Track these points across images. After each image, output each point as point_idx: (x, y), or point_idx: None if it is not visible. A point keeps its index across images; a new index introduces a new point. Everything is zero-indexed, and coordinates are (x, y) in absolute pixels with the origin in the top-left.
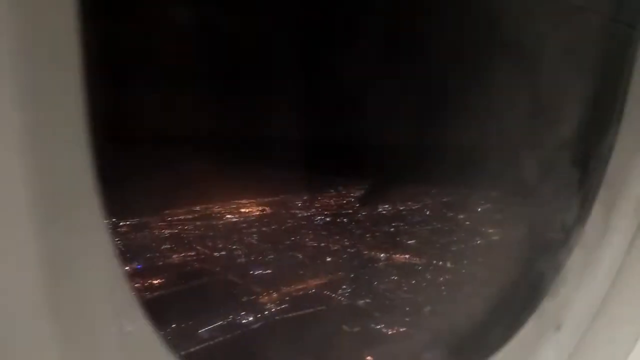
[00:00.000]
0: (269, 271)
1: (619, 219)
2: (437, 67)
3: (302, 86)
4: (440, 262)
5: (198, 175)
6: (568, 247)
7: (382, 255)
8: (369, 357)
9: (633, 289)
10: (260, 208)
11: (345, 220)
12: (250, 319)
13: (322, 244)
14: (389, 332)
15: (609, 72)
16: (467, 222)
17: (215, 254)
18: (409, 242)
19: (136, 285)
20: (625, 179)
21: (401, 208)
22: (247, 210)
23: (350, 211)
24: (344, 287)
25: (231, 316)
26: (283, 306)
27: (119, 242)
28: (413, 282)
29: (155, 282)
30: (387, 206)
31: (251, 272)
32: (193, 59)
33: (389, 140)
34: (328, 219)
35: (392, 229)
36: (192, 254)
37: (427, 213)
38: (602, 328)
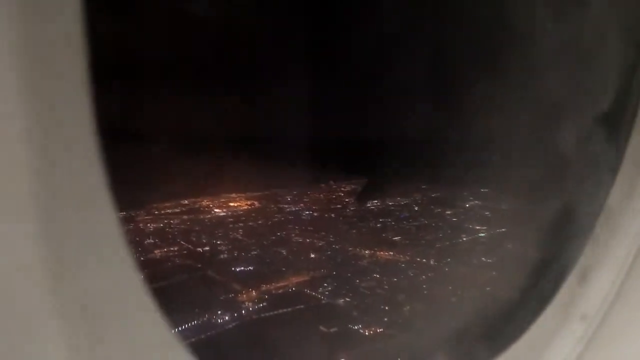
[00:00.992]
0: (250, 268)
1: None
2: (437, 65)
3: (296, 84)
4: (424, 260)
5: (189, 169)
6: (587, 238)
7: (366, 252)
8: None
9: None
10: (249, 202)
11: (333, 215)
12: (226, 318)
13: (308, 240)
14: (366, 333)
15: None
16: (454, 219)
17: (199, 249)
18: (395, 238)
19: None
20: None
21: (390, 203)
22: (235, 205)
23: (339, 206)
24: (325, 285)
25: (207, 315)
26: (261, 305)
27: None
28: (395, 280)
29: None
30: (376, 201)
31: (233, 268)
32: (188, 58)
33: (382, 136)
34: (316, 214)
35: (379, 225)
36: (175, 249)
37: (416, 209)
38: (621, 318)
